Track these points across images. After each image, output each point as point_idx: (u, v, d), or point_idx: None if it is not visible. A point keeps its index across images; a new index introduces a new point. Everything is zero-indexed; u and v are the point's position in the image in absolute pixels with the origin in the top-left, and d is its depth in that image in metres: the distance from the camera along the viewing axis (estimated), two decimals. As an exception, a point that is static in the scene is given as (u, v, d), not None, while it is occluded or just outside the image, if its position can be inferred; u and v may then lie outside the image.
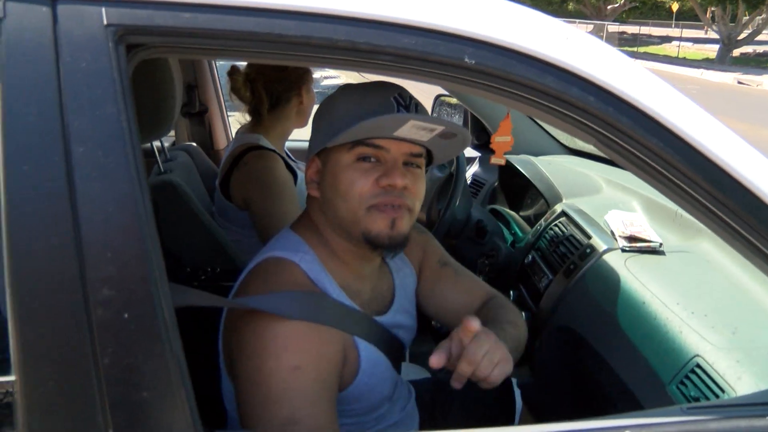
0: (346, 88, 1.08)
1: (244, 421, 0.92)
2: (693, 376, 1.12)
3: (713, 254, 1.44)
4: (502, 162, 1.60)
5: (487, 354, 0.96)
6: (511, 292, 1.80)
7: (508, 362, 0.99)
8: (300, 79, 1.92)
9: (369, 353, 1.05)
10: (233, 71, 1.90)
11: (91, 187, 0.72)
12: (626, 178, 2.03)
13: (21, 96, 0.71)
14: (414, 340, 1.39)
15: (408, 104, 1.04)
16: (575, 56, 0.81)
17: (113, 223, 0.72)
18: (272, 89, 1.89)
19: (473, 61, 0.79)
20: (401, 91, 1.05)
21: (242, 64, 1.94)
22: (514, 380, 1.50)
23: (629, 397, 1.23)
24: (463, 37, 0.78)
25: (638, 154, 0.85)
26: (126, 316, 0.72)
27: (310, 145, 1.12)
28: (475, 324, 0.95)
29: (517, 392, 1.48)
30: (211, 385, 1.13)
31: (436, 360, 0.96)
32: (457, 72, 0.81)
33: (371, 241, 1.03)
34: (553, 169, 2.07)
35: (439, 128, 0.99)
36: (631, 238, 1.50)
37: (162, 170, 1.86)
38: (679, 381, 1.14)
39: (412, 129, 0.99)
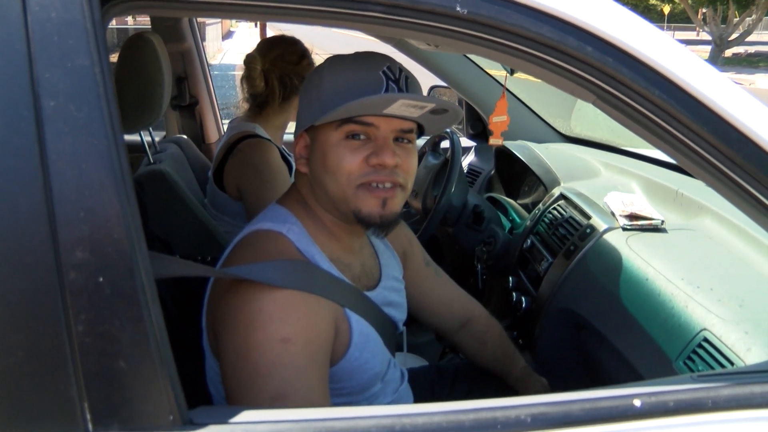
0: (334, 60, 1.05)
1: (231, 397, 0.88)
2: (700, 351, 1.08)
3: (716, 231, 1.40)
4: (500, 142, 1.58)
5: None
6: (510, 279, 1.76)
7: None
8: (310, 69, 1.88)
9: (360, 326, 1.01)
10: (251, 59, 1.85)
11: (63, 143, 0.68)
12: (624, 161, 2.00)
13: (-14, 47, 0.67)
14: (411, 330, 1.35)
15: (398, 78, 1.00)
16: (572, 5, 0.78)
17: (86, 181, 0.68)
18: (287, 82, 1.85)
19: (465, 11, 0.76)
20: (390, 64, 1.01)
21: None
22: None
23: (635, 376, 1.19)
24: (455, -17, 0.75)
25: (639, 107, 0.81)
26: (101, 279, 0.68)
27: (297, 120, 1.08)
28: None
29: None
30: (193, 370, 1.08)
31: None
32: (449, 22, 0.77)
33: (362, 221, 1.00)
34: (550, 154, 2.04)
35: (430, 105, 0.97)
36: (632, 216, 1.46)
37: (152, 161, 1.82)
38: (686, 356, 1.10)
39: (401, 107, 0.96)
